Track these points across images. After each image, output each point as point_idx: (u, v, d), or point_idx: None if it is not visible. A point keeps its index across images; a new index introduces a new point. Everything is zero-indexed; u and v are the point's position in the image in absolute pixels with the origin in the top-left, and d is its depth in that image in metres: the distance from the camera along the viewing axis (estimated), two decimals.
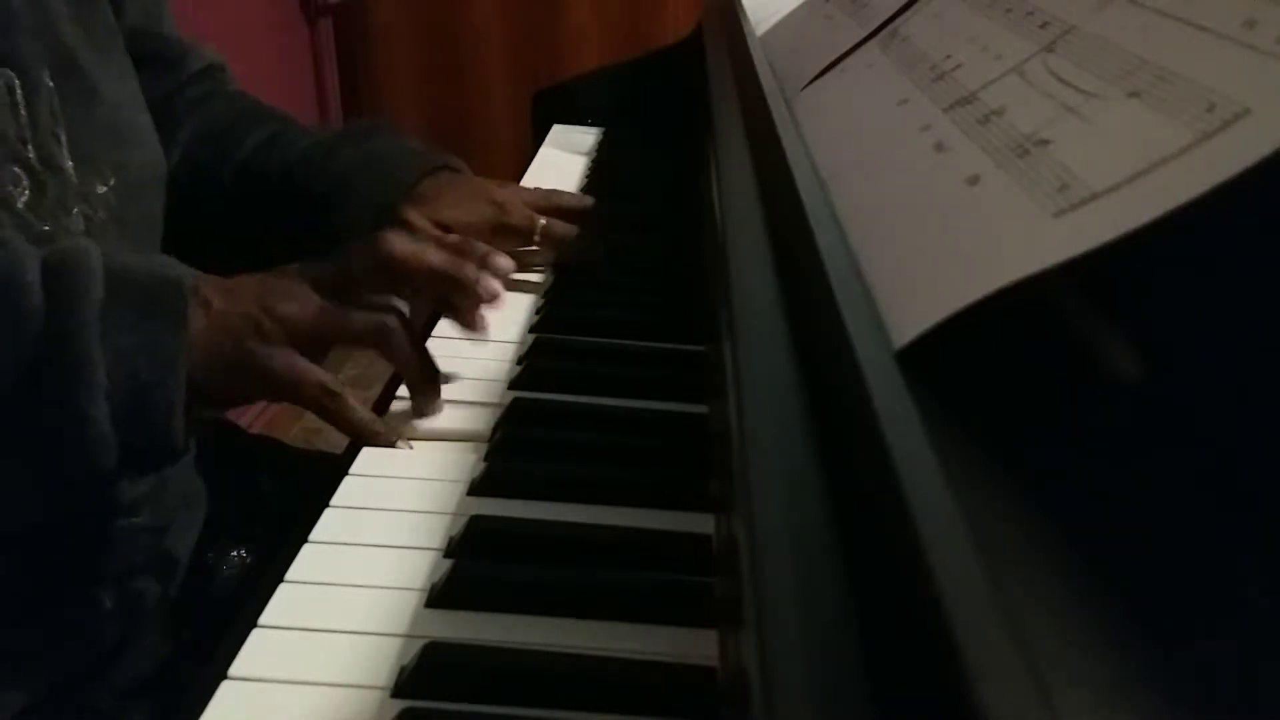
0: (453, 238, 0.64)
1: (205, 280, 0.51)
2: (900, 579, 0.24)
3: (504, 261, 0.61)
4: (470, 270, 0.57)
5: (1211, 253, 0.29)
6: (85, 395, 0.45)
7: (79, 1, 0.60)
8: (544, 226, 0.73)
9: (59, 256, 0.47)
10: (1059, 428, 0.30)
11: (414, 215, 0.70)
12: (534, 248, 0.74)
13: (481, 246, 0.60)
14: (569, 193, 0.81)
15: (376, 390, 0.57)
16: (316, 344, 0.52)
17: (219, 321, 0.50)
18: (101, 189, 0.59)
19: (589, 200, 0.79)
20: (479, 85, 2.25)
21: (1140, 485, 0.27)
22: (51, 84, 0.56)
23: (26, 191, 0.54)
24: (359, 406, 0.53)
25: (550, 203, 0.76)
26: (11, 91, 0.54)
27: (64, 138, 0.57)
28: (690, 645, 0.40)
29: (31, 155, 0.55)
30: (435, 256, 0.56)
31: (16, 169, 0.54)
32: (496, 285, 0.59)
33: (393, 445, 0.53)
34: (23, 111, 0.54)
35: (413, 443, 0.54)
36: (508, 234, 0.72)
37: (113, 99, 0.61)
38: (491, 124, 2.25)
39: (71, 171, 0.57)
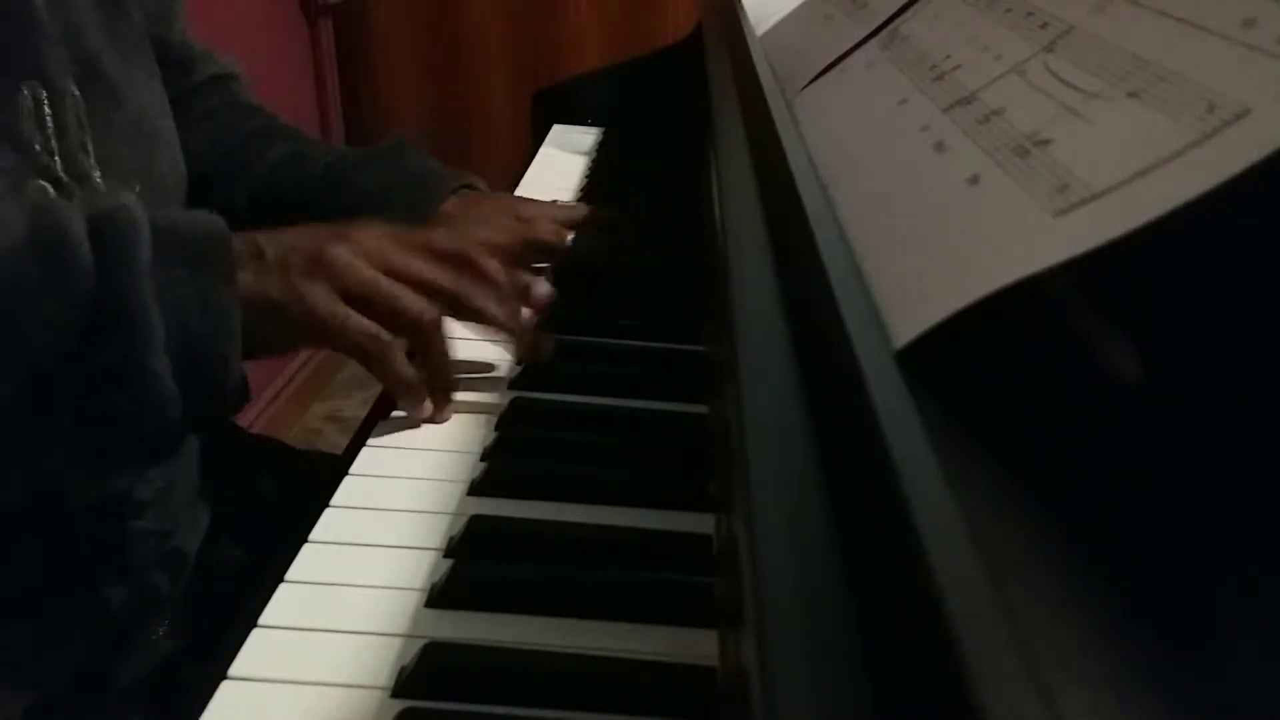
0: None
1: (259, 230, 0.52)
2: (900, 579, 0.24)
3: (543, 288, 0.62)
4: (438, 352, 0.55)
5: (1211, 253, 0.29)
6: (145, 350, 0.45)
7: (106, 8, 0.61)
8: (572, 241, 0.73)
9: (105, 215, 0.47)
10: (1059, 427, 0.30)
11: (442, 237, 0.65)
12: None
13: (522, 278, 0.60)
14: (591, 207, 0.81)
15: (376, 390, 0.57)
16: (363, 297, 0.51)
17: (267, 268, 0.50)
18: (129, 197, 0.58)
19: (612, 214, 0.80)
20: (479, 85, 2.25)
21: (1140, 485, 0.27)
22: (78, 92, 0.56)
23: None
24: (404, 361, 0.53)
25: (575, 217, 0.76)
26: (39, 104, 0.54)
27: (90, 146, 0.57)
28: (690, 645, 0.40)
29: (58, 166, 0.55)
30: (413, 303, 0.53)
31: (43, 182, 0.54)
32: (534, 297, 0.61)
33: (424, 413, 0.54)
34: (49, 123, 0.54)
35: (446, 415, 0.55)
36: (534, 251, 0.71)
37: (137, 103, 0.61)
38: (491, 124, 2.25)
39: (99, 180, 0.57)
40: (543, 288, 0.62)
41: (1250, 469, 0.27)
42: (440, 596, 0.42)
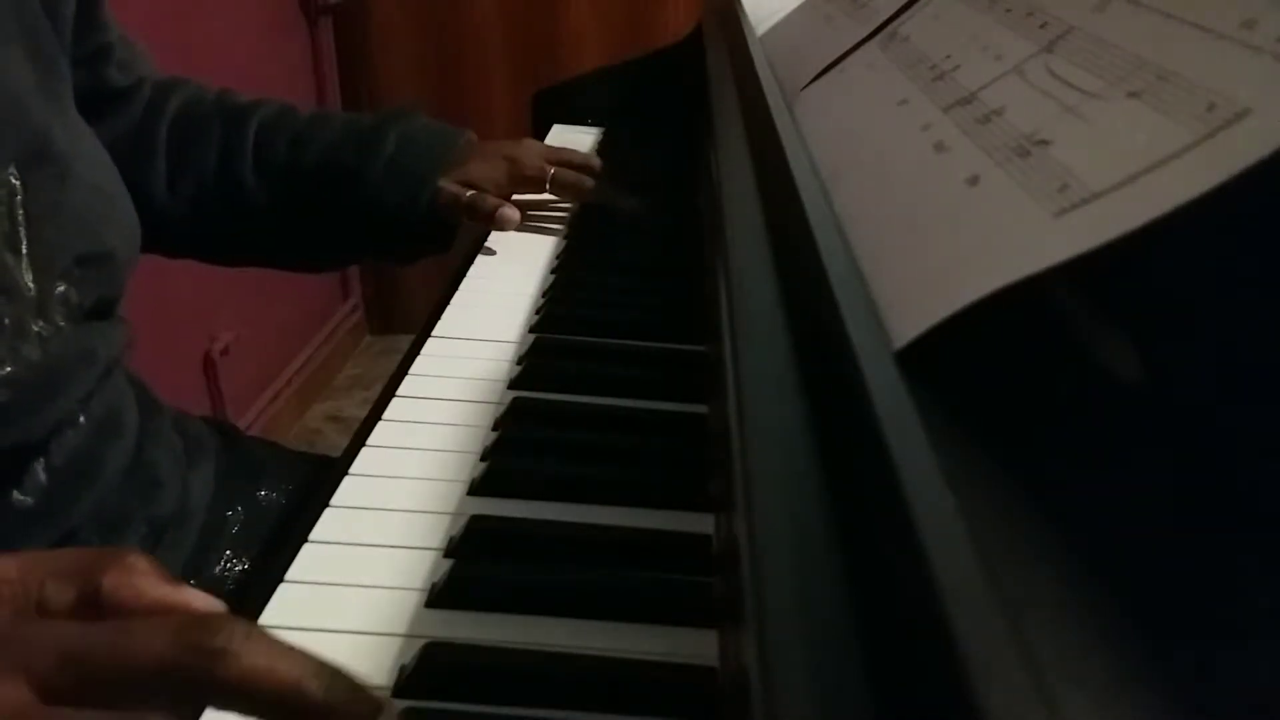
0: None
1: None
2: (900, 579, 0.24)
3: (511, 213, 0.80)
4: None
5: (1211, 253, 0.29)
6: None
7: (40, 66, 0.55)
8: (554, 174, 0.85)
9: None
10: (1059, 427, 0.30)
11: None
12: (549, 196, 0.87)
13: None
14: (577, 150, 0.91)
15: (376, 390, 0.57)
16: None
17: None
18: (61, 287, 0.52)
19: (595, 160, 0.90)
20: (479, 85, 2.25)
21: (1140, 485, 0.27)
22: (17, 180, 0.49)
23: None
24: None
25: (558, 156, 0.87)
26: None
27: (25, 245, 0.49)
28: (690, 645, 0.40)
29: None
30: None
31: None
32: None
33: None
34: None
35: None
36: (523, 183, 0.84)
37: (87, 179, 0.55)
38: (491, 124, 2.25)
39: (30, 285, 0.50)
40: (512, 212, 0.80)
41: (1250, 468, 0.27)
42: (440, 596, 0.42)
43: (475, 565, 0.44)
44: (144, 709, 0.29)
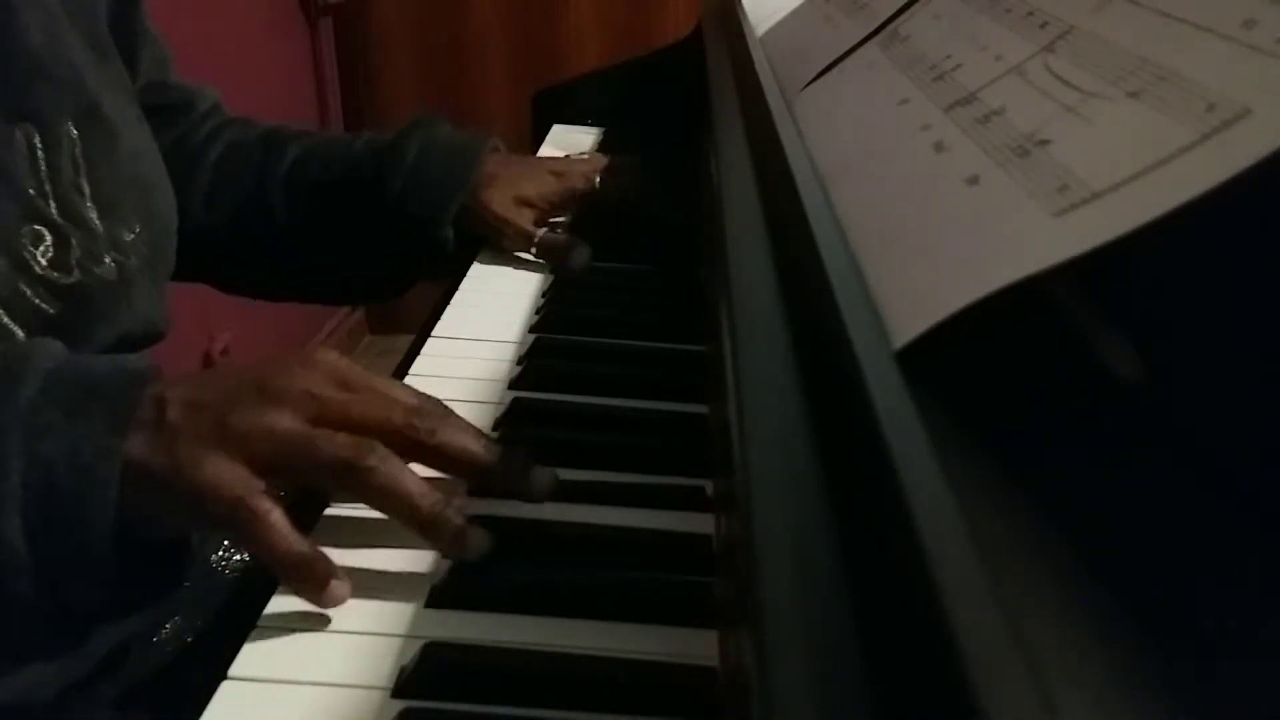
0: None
1: (173, 383, 0.43)
2: (900, 579, 0.24)
3: (585, 253, 0.75)
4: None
5: (1211, 253, 0.29)
6: None
7: (99, 56, 0.61)
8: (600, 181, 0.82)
9: None
10: (1059, 427, 0.30)
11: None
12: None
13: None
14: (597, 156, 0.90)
15: None
16: (279, 461, 0.42)
17: (161, 430, 0.41)
18: (129, 236, 0.58)
19: (634, 160, 0.88)
20: (479, 86, 2.25)
21: (1140, 485, 0.27)
22: (75, 133, 0.56)
23: (50, 250, 0.53)
24: (289, 532, 0.41)
25: (600, 166, 0.84)
26: (31, 146, 0.53)
27: (87, 188, 0.56)
28: (690, 645, 0.40)
29: (53, 209, 0.54)
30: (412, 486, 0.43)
31: (38, 226, 0.53)
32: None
33: (325, 585, 0.41)
34: (43, 165, 0.54)
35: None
36: (573, 199, 0.81)
37: (133, 146, 0.61)
38: (491, 125, 2.24)
39: (97, 221, 0.56)
40: (586, 254, 0.75)
41: (1250, 469, 0.27)
42: (440, 596, 0.42)
43: (475, 565, 0.44)
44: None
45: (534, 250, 0.78)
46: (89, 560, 0.40)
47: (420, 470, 0.44)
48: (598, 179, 0.82)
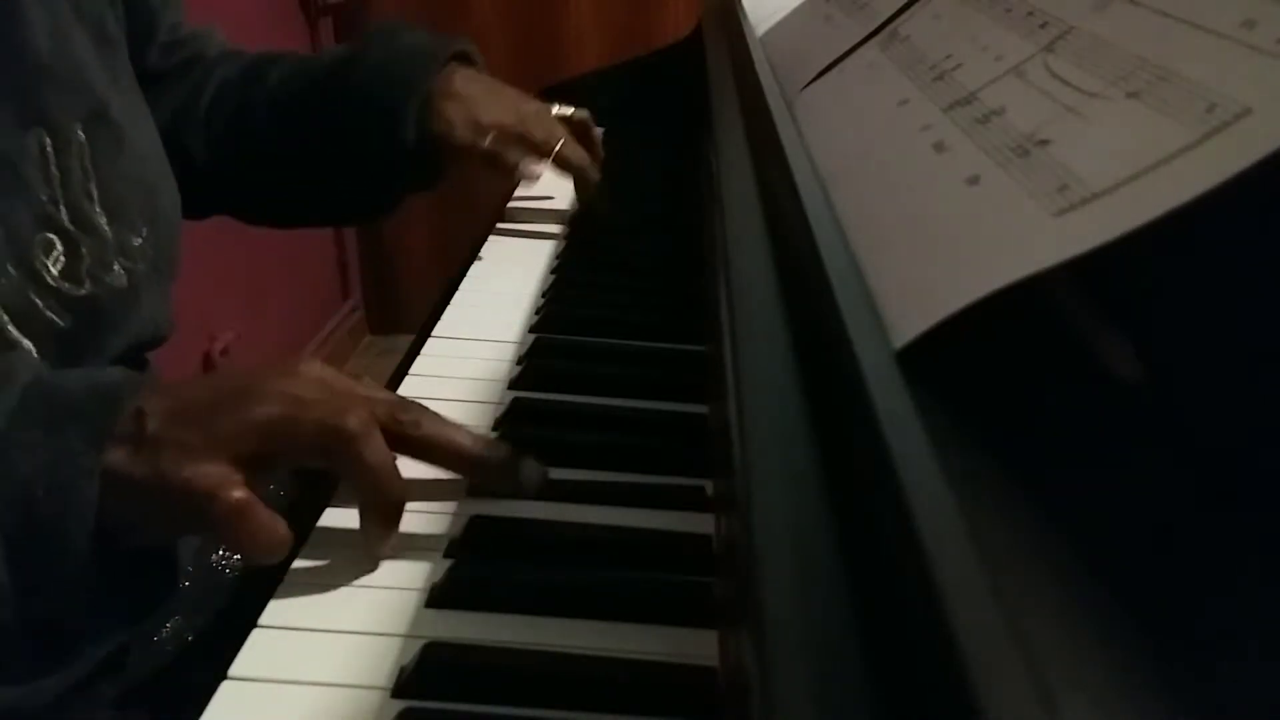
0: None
1: (153, 395, 0.42)
2: (900, 579, 0.24)
3: (536, 167, 0.77)
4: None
5: (1211, 253, 0.29)
6: None
7: (103, 46, 0.60)
8: (560, 146, 0.80)
9: None
10: (1059, 427, 0.30)
11: None
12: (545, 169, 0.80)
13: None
14: (590, 124, 0.89)
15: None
16: (261, 463, 0.42)
17: (143, 443, 0.41)
18: (136, 241, 0.58)
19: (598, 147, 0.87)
20: None
21: (1140, 485, 0.27)
22: (83, 137, 0.55)
23: (61, 259, 0.53)
24: (268, 519, 0.41)
25: (558, 134, 0.82)
26: (44, 151, 0.53)
27: (96, 193, 0.55)
28: (690, 645, 0.40)
29: (64, 216, 0.54)
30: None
31: (50, 235, 0.53)
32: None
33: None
34: (54, 171, 0.53)
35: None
36: (527, 144, 0.79)
37: (140, 148, 0.61)
38: None
39: (106, 226, 0.56)
40: (537, 168, 0.77)
41: (1250, 469, 0.27)
42: (440, 596, 0.42)
43: (475, 565, 0.44)
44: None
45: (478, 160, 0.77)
46: (68, 574, 0.39)
47: (424, 471, 0.44)
48: (560, 142, 0.80)
